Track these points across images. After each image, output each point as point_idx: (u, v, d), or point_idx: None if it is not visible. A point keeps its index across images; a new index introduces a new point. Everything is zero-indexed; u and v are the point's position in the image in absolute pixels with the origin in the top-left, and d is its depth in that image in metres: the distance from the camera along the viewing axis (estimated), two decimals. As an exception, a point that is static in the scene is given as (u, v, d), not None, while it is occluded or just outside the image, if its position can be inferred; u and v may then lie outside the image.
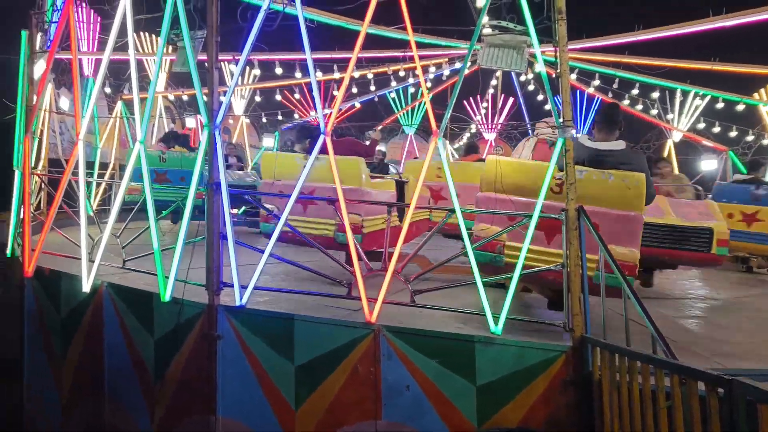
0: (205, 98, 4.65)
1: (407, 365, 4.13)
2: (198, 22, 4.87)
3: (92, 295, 5.23)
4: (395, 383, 4.14)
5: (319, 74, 10.53)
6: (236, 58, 8.78)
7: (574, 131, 4.16)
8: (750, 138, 12.84)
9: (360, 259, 4.54)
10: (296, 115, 15.27)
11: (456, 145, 17.21)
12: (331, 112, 5.51)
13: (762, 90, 11.60)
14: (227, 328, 4.53)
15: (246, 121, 15.40)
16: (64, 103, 11.58)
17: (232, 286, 4.51)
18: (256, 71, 10.48)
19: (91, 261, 5.22)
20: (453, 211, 4.37)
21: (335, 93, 13.69)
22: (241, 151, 13.42)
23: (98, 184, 11.47)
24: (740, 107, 11.54)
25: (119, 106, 11.73)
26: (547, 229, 4.37)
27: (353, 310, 4.53)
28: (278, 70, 10.18)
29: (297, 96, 14.13)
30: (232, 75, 13.04)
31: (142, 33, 13.42)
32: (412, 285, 4.49)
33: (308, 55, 4.79)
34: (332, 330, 4.30)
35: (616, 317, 4.21)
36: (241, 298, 4.48)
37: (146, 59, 12.82)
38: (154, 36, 12.69)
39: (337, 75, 10.32)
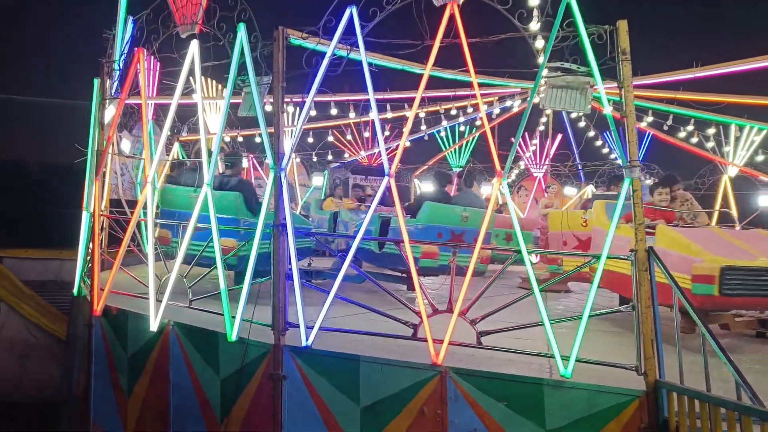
0: (271, 141, 4.80)
1: (474, 408, 4.09)
2: (264, 68, 5.06)
3: (159, 334, 5.36)
4: (462, 426, 4.09)
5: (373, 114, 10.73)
6: (294, 99, 9.08)
7: (639, 171, 4.13)
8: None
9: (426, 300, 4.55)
10: (346, 155, 15.53)
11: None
12: (394, 153, 5.60)
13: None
14: (293, 368, 4.57)
15: (297, 161, 15.71)
16: (125, 145, 12.04)
17: (297, 326, 4.56)
18: (312, 112, 10.73)
19: (158, 300, 5.36)
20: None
21: (386, 133, 13.88)
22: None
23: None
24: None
25: (176, 147, 12.12)
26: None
27: (419, 351, 4.52)
28: (333, 111, 10.42)
29: (348, 137, 14.40)
30: (288, 116, 13.41)
31: (204, 78, 13.89)
32: (478, 326, 4.46)
33: (372, 97, 4.90)
34: (398, 371, 4.29)
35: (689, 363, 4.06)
36: (306, 339, 4.52)
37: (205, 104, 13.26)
38: (212, 81, 13.15)
39: (389, 114, 10.50)
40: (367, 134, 15.43)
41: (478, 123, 13.93)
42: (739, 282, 4.95)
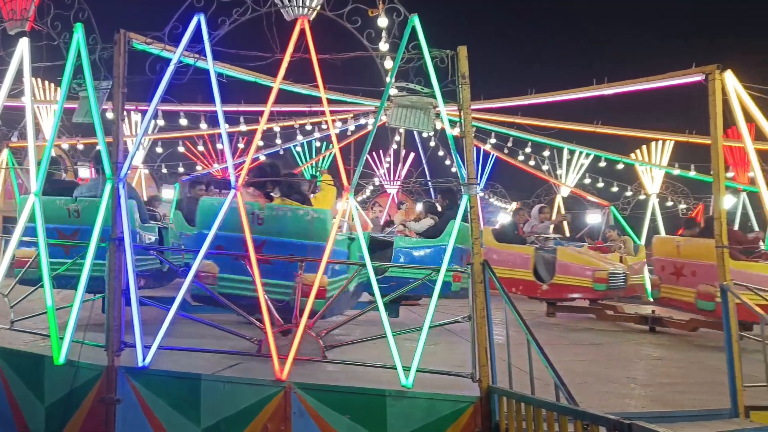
0: (109, 150, 4.52)
1: (318, 422, 4.08)
2: (103, 72, 4.78)
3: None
4: (306, 441, 4.06)
5: (226, 126, 10.45)
6: (139, 108, 8.62)
7: (476, 189, 4.38)
8: (629, 194, 14.03)
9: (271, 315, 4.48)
10: (198, 167, 14.98)
11: (359, 198, 17.47)
12: (242, 165, 5.49)
13: (638, 150, 12.72)
14: (128, 390, 4.29)
15: (145, 172, 14.91)
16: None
17: (134, 346, 4.30)
18: (160, 122, 10.23)
19: (-27, 322, 4.83)
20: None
21: (240, 145, 13.58)
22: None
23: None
24: (620, 166, 12.59)
25: (5, 154, 11.04)
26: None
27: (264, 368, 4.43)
28: (183, 122, 10.01)
29: (200, 148, 13.90)
30: (135, 125, 12.68)
31: (36, 79, 12.80)
32: (325, 340, 4.47)
33: (219, 108, 4.80)
34: (241, 389, 4.18)
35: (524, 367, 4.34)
36: (144, 359, 4.28)
37: (38, 107, 12.20)
38: (47, 83, 12.12)
39: (243, 128, 10.29)
40: (220, 146, 15.00)
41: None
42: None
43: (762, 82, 5.02)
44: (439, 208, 8.15)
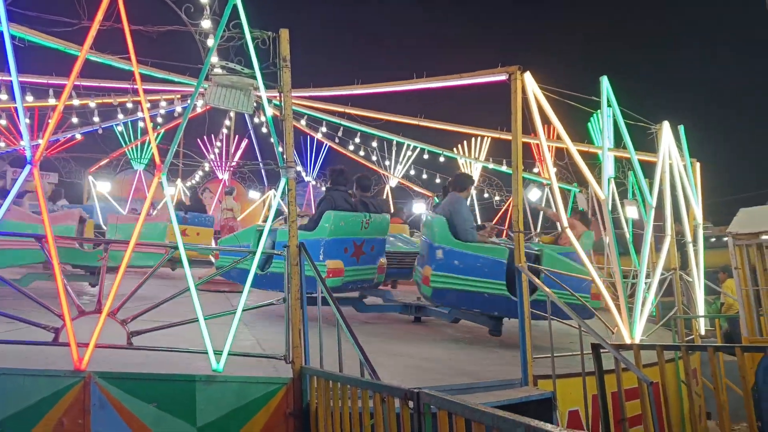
0: None
1: (121, 413, 3.86)
2: None
3: None
4: (108, 434, 3.84)
5: (31, 98, 9.49)
6: None
7: (294, 172, 4.41)
8: (451, 186, 14.94)
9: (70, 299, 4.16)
10: (1, 143, 13.42)
11: (188, 183, 16.78)
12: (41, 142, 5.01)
13: (459, 145, 13.59)
14: None
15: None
16: None
17: None
18: (-52, 89, 9.01)
19: None
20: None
21: (50, 121, 12.34)
22: None
23: None
24: (442, 159, 13.36)
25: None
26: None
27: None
28: (-20, 91, 8.93)
29: (3, 121, 12.44)
30: None
31: None
32: (131, 326, 4.24)
33: (14, 77, 4.33)
34: (32, 381, 3.83)
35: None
36: None
37: None
38: None
39: (53, 101, 9.39)
40: (28, 120, 13.57)
41: (161, 120, 13.29)
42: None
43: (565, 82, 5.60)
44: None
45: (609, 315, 6.00)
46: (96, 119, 11.24)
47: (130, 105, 10.49)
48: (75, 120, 11.17)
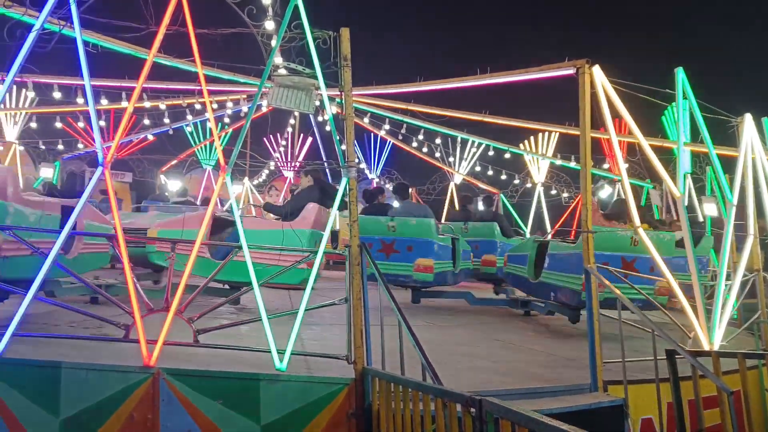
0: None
1: (188, 408, 3.94)
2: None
3: None
4: (175, 428, 3.91)
5: (105, 102, 9.87)
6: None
7: (355, 171, 4.38)
8: (517, 182, 14.63)
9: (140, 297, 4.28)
10: (80, 145, 14.05)
11: (255, 182, 17.12)
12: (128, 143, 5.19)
13: (526, 141, 13.27)
14: (-24, 382, 3.96)
15: (20, 149, 13.84)
16: None
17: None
18: (31, 93, 9.47)
19: None
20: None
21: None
22: None
23: None
24: (507, 155, 13.09)
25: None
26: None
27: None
28: (56, 95, 9.32)
29: (81, 124, 13.02)
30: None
31: None
32: (197, 324, 4.33)
33: (86, 81, 4.48)
34: (106, 376, 3.96)
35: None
36: (-6, 346, 3.96)
37: None
38: None
39: (125, 104, 9.75)
40: (103, 123, 14.17)
41: (228, 120, 13.62)
42: None
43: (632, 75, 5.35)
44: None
45: (684, 316, 5.70)
46: (166, 120, 11.60)
47: (198, 106, 10.77)
48: (147, 122, 11.55)
